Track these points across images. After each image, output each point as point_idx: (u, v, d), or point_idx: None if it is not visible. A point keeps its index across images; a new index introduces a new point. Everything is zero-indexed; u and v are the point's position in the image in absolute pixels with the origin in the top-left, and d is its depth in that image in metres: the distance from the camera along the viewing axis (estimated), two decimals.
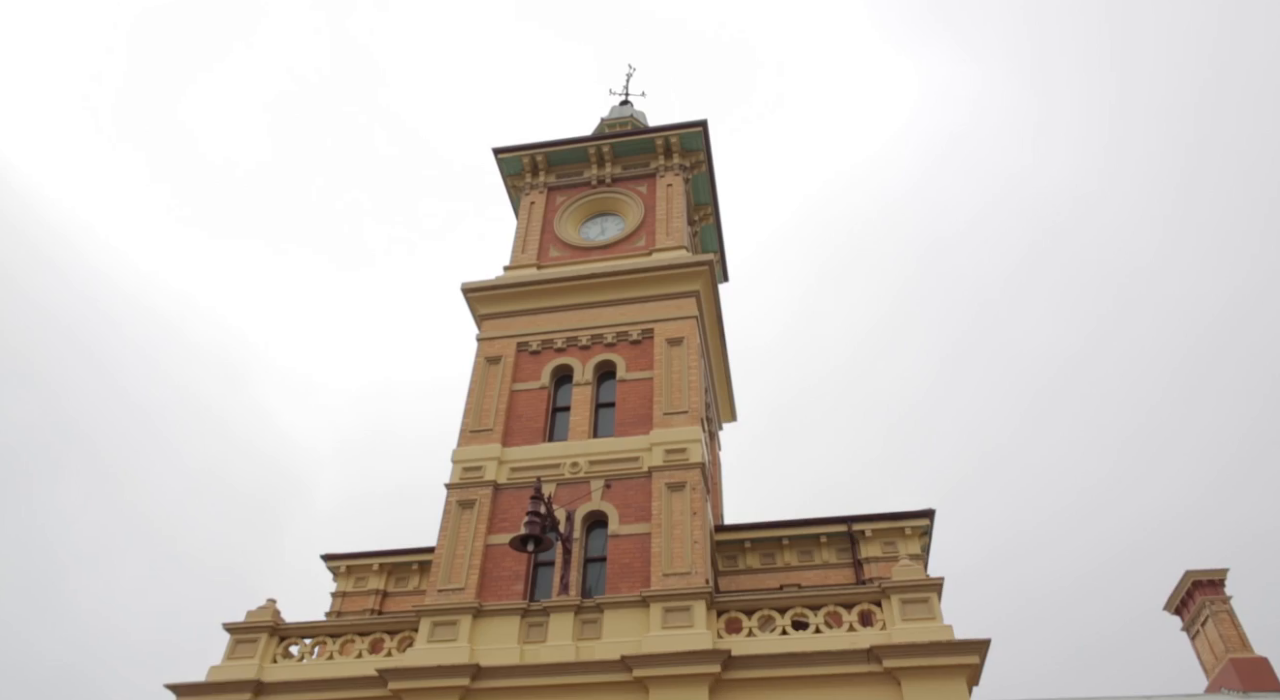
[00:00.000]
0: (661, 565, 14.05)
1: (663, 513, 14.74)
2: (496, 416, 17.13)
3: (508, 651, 13.45)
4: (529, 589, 14.63)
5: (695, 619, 13.20)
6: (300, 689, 13.69)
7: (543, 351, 18.36)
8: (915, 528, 18.13)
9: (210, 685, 13.83)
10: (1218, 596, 20.69)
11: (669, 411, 16.39)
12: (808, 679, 12.43)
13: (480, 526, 15.34)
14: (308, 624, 14.83)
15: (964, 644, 12.14)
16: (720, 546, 18.51)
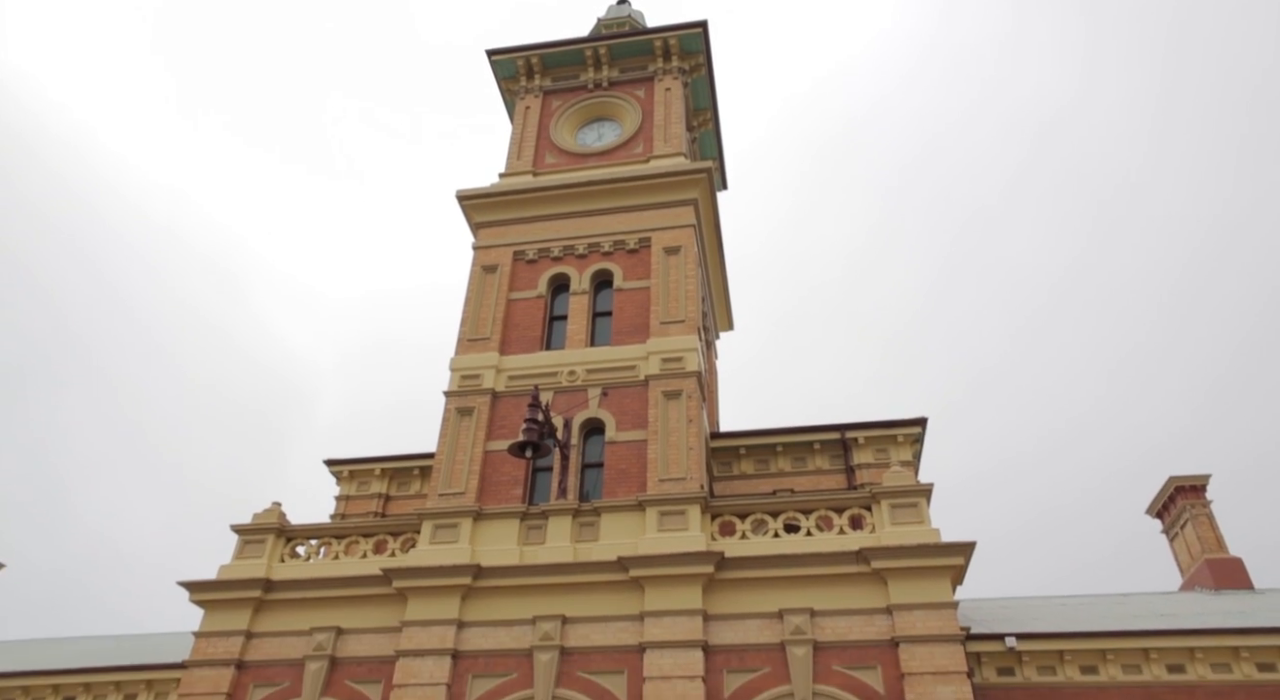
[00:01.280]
0: (658, 471, 14.35)
1: (659, 420, 14.96)
2: (494, 325, 17.17)
3: (507, 553, 13.88)
4: (528, 493, 14.98)
5: (690, 522, 13.57)
6: (307, 587, 14.18)
7: (539, 260, 18.25)
8: (907, 435, 18.46)
9: (221, 583, 14.32)
10: (1198, 500, 21.28)
11: (666, 320, 16.43)
12: (798, 579, 12.89)
13: (479, 433, 15.58)
14: (313, 526, 15.24)
15: (950, 546, 12.54)
16: (716, 453, 18.88)
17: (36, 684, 17.80)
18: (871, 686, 11.91)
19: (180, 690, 13.56)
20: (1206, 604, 17.90)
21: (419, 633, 13.26)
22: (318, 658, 13.48)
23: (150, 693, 17.37)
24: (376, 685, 13.16)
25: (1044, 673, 14.77)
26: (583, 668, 12.69)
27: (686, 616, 12.66)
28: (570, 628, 13.04)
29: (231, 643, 13.84)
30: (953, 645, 11.89)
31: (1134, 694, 14.44)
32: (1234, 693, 14.23)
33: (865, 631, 12.32)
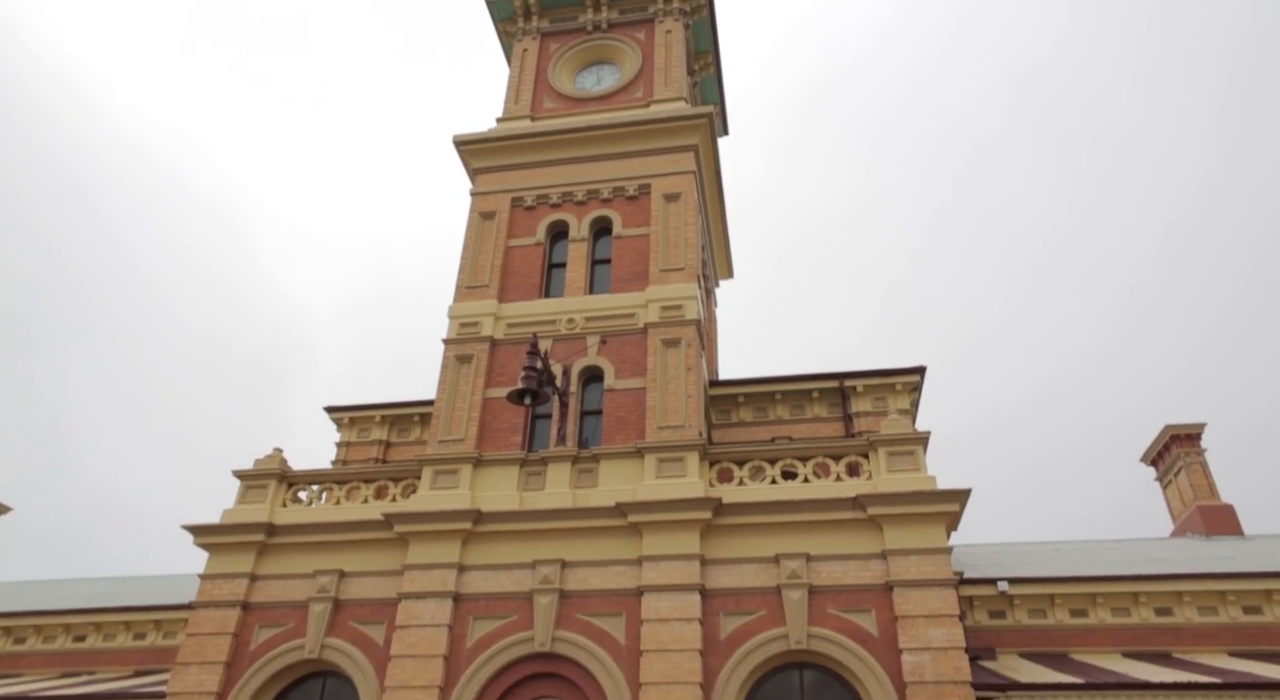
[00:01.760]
0: (656, 418, 14.41)
1: (658, 368, 14.98)
2: (492, 272, 17.07)
3: (507, 498, 14.03)
4: (527, 440, 15.07)
5: (688, 469, 13.69)
6: (310, 531, 14.36)
7: (538, 207, 18.07)
8: (905, 384, 18.52)
9: (224, 527, 14.50)
10: (1193, 448, 21.46)
11: (665, 268, 16.33)
12: (795, 525, 13.05)
13: (478, 380, 15.61)
14: (314, 471, 15.38)
15: (945, 493, 12.66)
16: (714, 400, 18.95)
17: (48, 623, 18.20)
18: (865, 629, 12.14)
19: (188, 630, 13.83)
20: (1196, 549, 18.17)
21: (420, 576, 13.48)
22: (321, 600, 13.72)
23: (159, 632, 17.78)
24: (380, 626, 13.42)
25: (1034, 616, 15.07)
26: (582, 610, 12.93)
27: (684, 561, 12.85)
28: (569, 572, 13.24)
29: (236, 585, 14.07)
30: (946, 589, 12.09)
31: (1122, 636, 14.75)
32: (1219, 634, 14.53)
33: (860, 576, 12.52)
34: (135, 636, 17.91)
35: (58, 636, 18.20)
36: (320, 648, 13.39)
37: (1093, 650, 14.53)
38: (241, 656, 13.58)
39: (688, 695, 11.78)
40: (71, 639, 18.11)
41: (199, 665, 13.39)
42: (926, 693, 11.39)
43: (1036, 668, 13.16)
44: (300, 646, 13.46)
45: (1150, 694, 11.21)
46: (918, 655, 11.66)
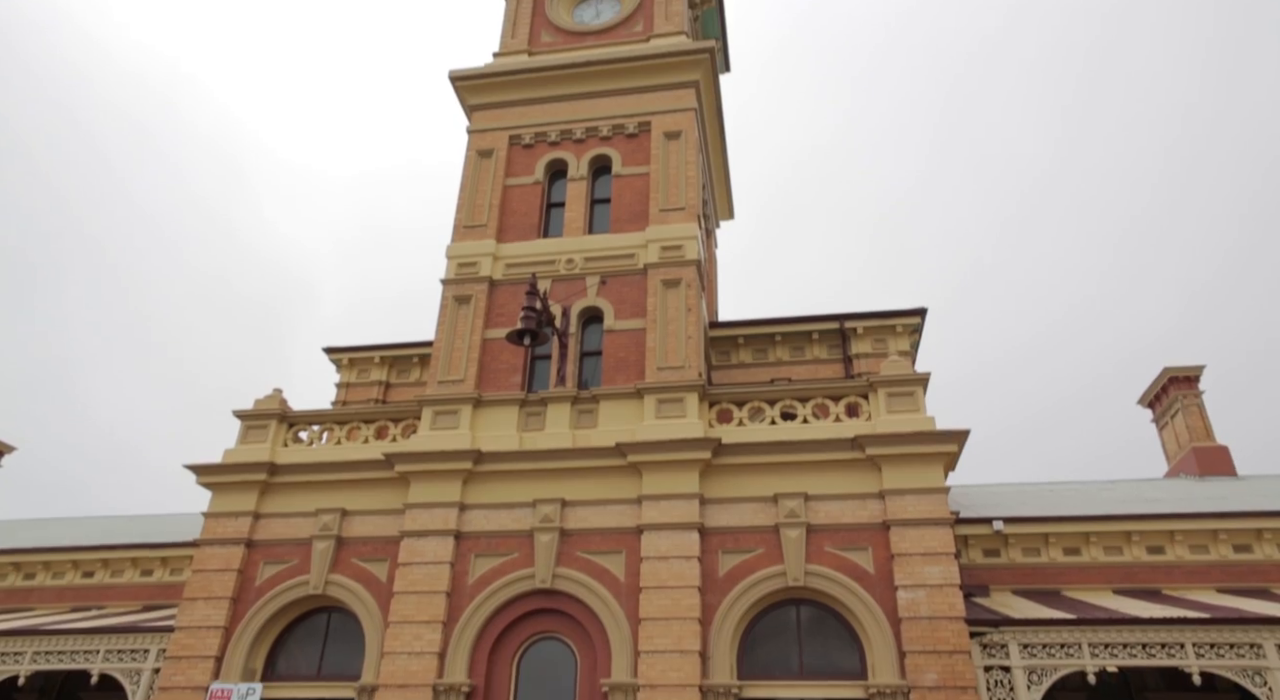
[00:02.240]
0: (656, 359, 14.38)
1: (658, 309, 14.89)
2: (490, 212, 16.85)
3: (507, 438, 14.09)
4: (527, 381, 15.07)
5: (688, 410, 13.71)
6: (311, 470, 14.46)
7: (536, 145, 17.74)
8: (906, 326, 18.47)
9: (226, 466, 14.59)
10: (1191, 391, 21.51)
11: (665, 208, 16.11)
12: (793, 465, 13.13)
13: (477, 321, 15.53)
14: (314, 412, 15.41)
15: (944, 433, 12.71)
16: (714, 342, 18.92)
17: (57, 559, 18.47)
18: (862, 567, 12.32)
19: (194, 566, 14.03)
20: (1190, 489, 18.37)
21: (422, 515, 13.62)
22: (324, 538, 13.89)
23: (165, 569, 18.06)
24: (383, 563, 13.61)
25: (1028, 554, 15.31)
26: (582, 548, 13.09)
27: (683, 500, 12.97)
28: (570, 511, 13.37)
29: (240, 523, 14.22)
30: (942, 528, 12.23)
31: (1113, 573, 15.00)
32: (1209, 572, 14.78)
33: (858, 515, 12.65)
34: (142, 573, 18.19)
35: (66, 572, 18.49)
36: (324, 584, 13.60)
37: (1084, 587, 14.80)
38: (247, 592, 13.80)
39: (686, 630, 12.01)
40: (80, 575, 18.40)
41: (205, 600, 13.62)
42: (921, 628, 11.60)
43: (1029, 604, 13.41)
44: (305, 583, 13.67)
45: (1140, 628, 11.43)
46: (913, 592, 11.85)
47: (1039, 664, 11.51)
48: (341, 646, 13.57)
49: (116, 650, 14.00)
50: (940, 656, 11.38)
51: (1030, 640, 11.65)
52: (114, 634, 14.13)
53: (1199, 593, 14.25)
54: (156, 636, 13.87)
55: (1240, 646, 11.23)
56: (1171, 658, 11.29)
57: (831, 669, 12.18)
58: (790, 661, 12.34)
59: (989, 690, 11.48)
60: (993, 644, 11.72)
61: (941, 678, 11.24)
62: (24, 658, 14.23)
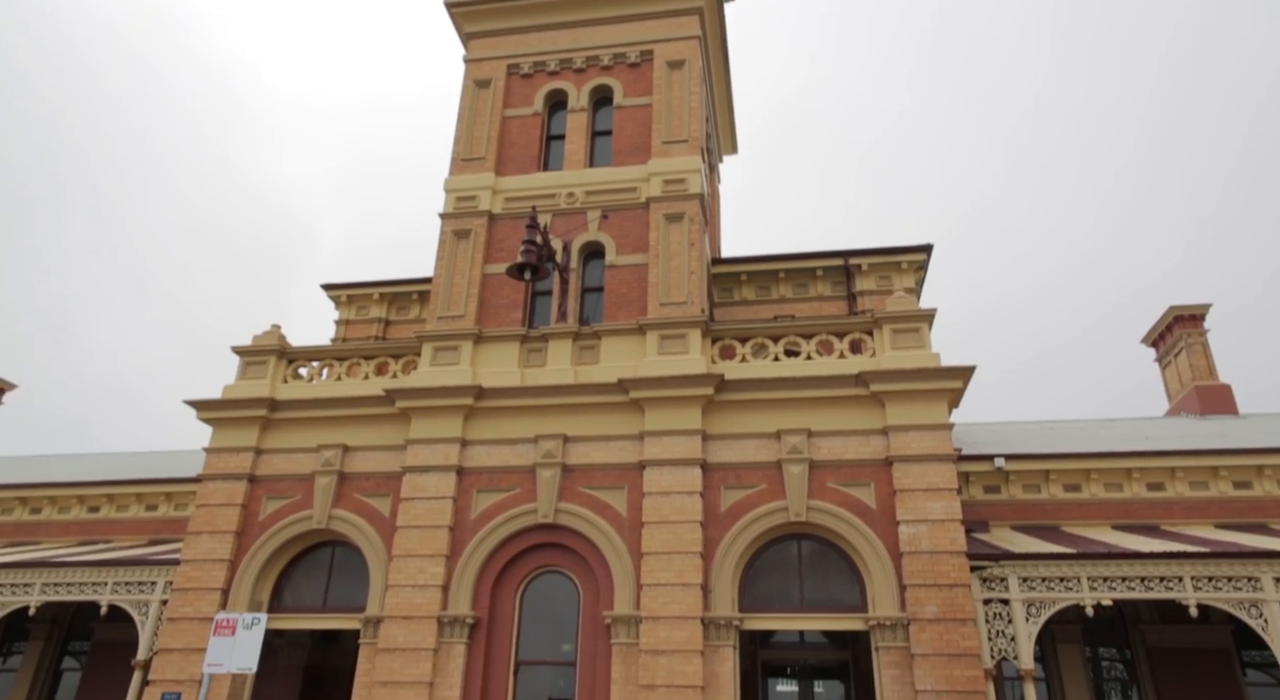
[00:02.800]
0: (658, 295, 14.19)
1: (660, 244, 14.64)
2: (489, 144, 16.45)
3: (508, 374, 13.99)
4: (527, 317, 14.90)
5: (690, 346, 13.58)
6: (312, 406, 14.40)
7: (535, 74, 17.23)
8: (911, 262, 18.22)
9: (226, 402, 14.53)
10: (1195, 329, 21.36)
11: (668, 140, 15.71)
12: (797, 401, 13.05)
13: (476, 256, 15.29)
14: (314, 348, 15.28)
15: (949, 370, 12.60)
16: (716, 279, 18.70)
17: (63, 494, 18.59)
18: (864, 502, 12.34)
19: (197, 501, 14.09)
20: (1191, 427, 18.36)
21: (424, 450, 13.61)
22: (326, 473, 13.91)
23: (170, 504, 18.18)
24: (385, 499, 13.65)
25: (1028, 491, 15.36)
26: (584, 484, 13.12)
27: (686, 436, 12.93)
28: (571, 446, 13.36)
29: (242, 458, 14.23)
30: (945, 464, 12.21)
31: (1112, 509, 15.07)
32: (1208, 508, 14.85)
33: (860, 451, 12.63)
34: (147, 508, 18.32)
35: (72, 507, 18.63)
36: (328, 519, 13.67)
37: (1083, 523, 14.88)
38: (251, 526, 13.88)
39: (688, 563, 12.09)
40: (86, 510, 18.54)
41: (210, 534, 13.70)
42: (921, 562, 11.68)
43: (1028, 539, 13.49)
44: (308, 518, 13.73)
45: (1140, 563, 11.50)
46: (914, 527, 11.90)
47: (1037, 597, 11.62)
48: (346, 579, 13.72)
49: (124, 582, 14.16)
50: (940, 590, 11.48)
51: (1029, 574, 11.74)
52: (122, 566, 14.27)
53: (1197, 528, 14.34)
54: (163, 569, 14.01)
55: (1238, 580, 11.32)
56: (1170, 591, 11.38)
57: (832, 602, 12.31)
58: (791, 595, 12.47)
59: (987, 622, 11.61)
60: (992, 578, 11.81)
61: (941, 610, 11.36)
62: (33, 589, 14.40)
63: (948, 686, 10.95)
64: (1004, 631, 11.56)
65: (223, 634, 8.89)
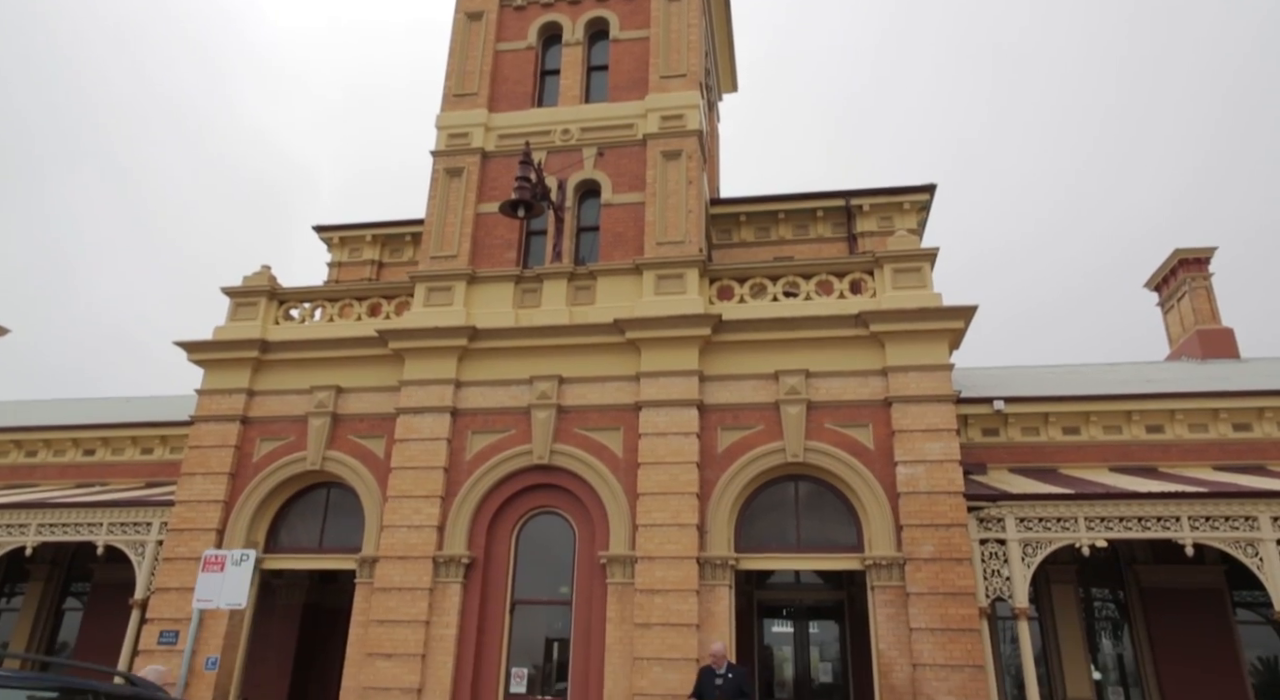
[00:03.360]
0: (655, 234, 13.89)
1: (657, 181, 14.29)
2: (481, 79, 15.95)
3: (503, 315, 13.77)
4: (522, 257, 14.62)
5: (688, 286, 13.34)
6: (304, 348, 14.21)
7: (528, 7, 16.64)
8: (913, 203, 17.88)
9: (217, 343, 14.34)
10: (1200, 273, 21.09)
11: (666, 75, 15.22)
12: (795, 342, 12.86)
13: (470, 195, 14.95)
14: (305, 288, 15.03)
15: (950, 310, 12.39)
16: (715, 220, 18.35)
17: (57, 437, 18.52)
18: (862, 443, 12.24)
19: (190, 442, 13.99)
20: (1191, 371, 18.22)
21: (417, 392, 13.46)
22: (320, 414, 13.78)
23: (165, 447, 18.11)
24: (379, 440, 13.55)
25: (1027, 433, 15.27)
26: (580, 425, 13.00)
27: (682, 377, 12.77)
28: (567, 388, 13.21)
29: (234, 400, 14.09)
30: (944, 405, 12.08)
31: (1110, 452, 15.01)
32: (1207, 450, 14.78)
33: (859, 392, 12.48)
34: (143, 451, 18.26)
35: (68, 450, 18.57)
36: (322, 460, 13.58)
37: (1081, 465, 14.83)
38: (245, 468, 13.80)
39: (684, 504, 12.04)
40: (81, 453, 18.49)
41: (204, 475, 13.64)
42: (919, 502, 11.62)
43: (1026, 480, 13.44)
44: (302, 459, 13.65)
45: (1138, 503, 11.45)
46: (912, 467, 11.82)
47: (1034, 537, 11.59)
48: (342, 520, 13.69)
49: (120, 523, 14.14)
50: (937, 530, 11.45)
51: (1026, 514, 11.70)
52: (117, 507, 14.24)
53: (1195, 470, 14.29)
54: (159, 510, 13.98)
55: (1235, 519, 11.28)
56: (1166, 531, 11.35)
57: (828, 542, 12.29)
58: (787, 535, 12.45)
59: (983, 562, 11.60)
60: (989, 518, 11.77)
61: (937, 550, 11.34)
62: (29, 529, 14.40)
63: (942, 624, 10.98)
64: (999, 571, 11.57)
65: (211, 570, 8.82)
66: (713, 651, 10.42)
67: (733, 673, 10.31)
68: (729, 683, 10.18)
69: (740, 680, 10.29)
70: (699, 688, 10.37)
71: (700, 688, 10.34)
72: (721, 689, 10.13)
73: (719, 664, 10.32)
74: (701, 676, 10.43)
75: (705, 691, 10.23)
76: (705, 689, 10.25)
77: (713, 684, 10.21)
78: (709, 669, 10.40)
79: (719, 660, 10.33)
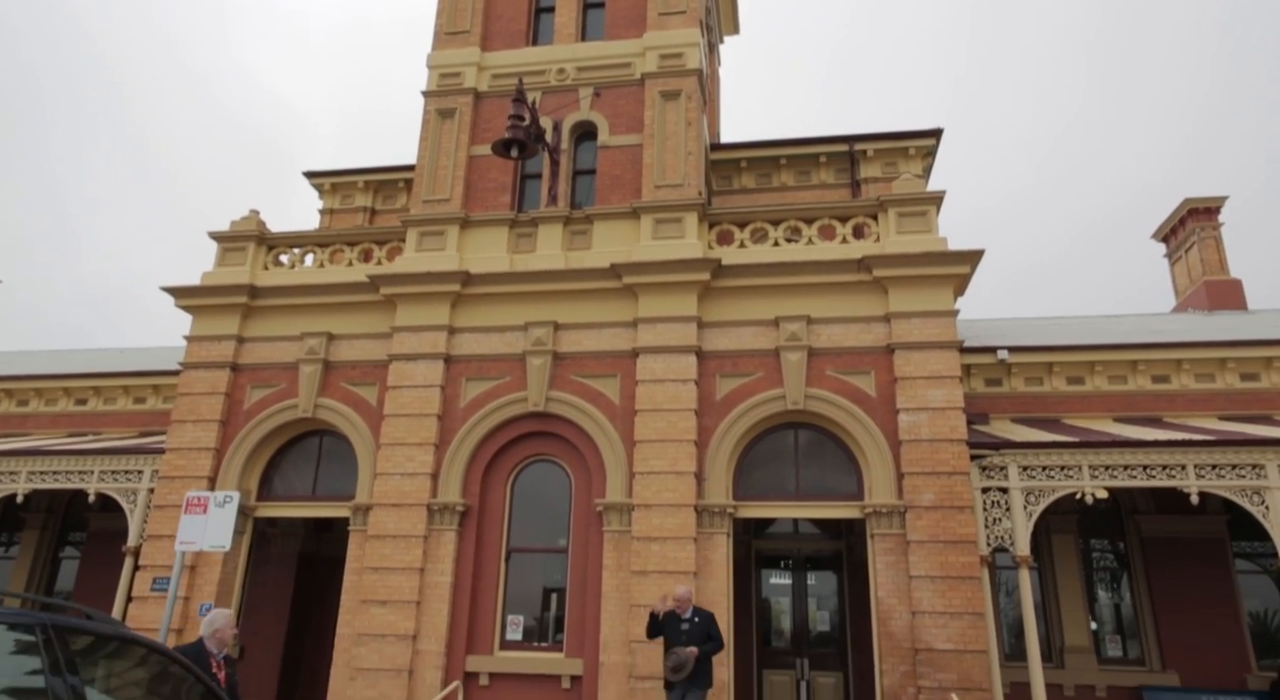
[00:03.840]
0: (653, 177, 13.49)
1: (656, 122, 13.83)
2: (473, 16, 15.39)
3: (497, 260, 13.44)
4: (516, 201, 14.23)
5: (686, 230, 12.98)
6: (294, 293, 13.90)
7: None
8: (919, 148, 17.41)
9: (205, 288, 14.02)
10: (1209, 223, 20.68)
11: (665, 11, 14.66)
12: (796, 287, 12.55)
13: (462, 137, 14.50)
14: (295, 233, 14.67)
15: (956, 254, 12.06)
16: (715, 166, 17.90)
17: (49, 387, 18.29)
18: (863, 390, 12.00)
19: (179, 389, 13.76)
20: (1198, 322, 17.93)
21: (410, 338, 13.18)
22: (311, 361, 13.52)
23: (158, 397, 17.88)
24: (372, 387, 13.31)
25: (1030, 384, 15.03)
26: (576, 371, 12.75)
27: (681, 323, 12.49)
28: (562, 334, 12.93)
29: (224, 346, 13.82)
30: (948, 351, 11.82)
31: (1115, 402, 14.78)
32: (1213, 400, 14.56)
33: (861, 338, 12.21)
34: (135, 401, 18.04)
35: (59, 399, 18.36)
36: (314, 408, 13.36)
37: (1084, 415, 14.62)
38: (236, 415, 13.59)
39: (682, 452, 11.84)
40: (73, 402, 18.27)
41: (194, 423, 13.43)
42: (921, 450, 11.42)
43: (1028, 429, 13.23)
44: (294, 406, 13.42)
45: (1144, 451, 11.25)
46: (915, 415, 11.59)
47: (1037, 485, 11.41)
48: (335, 468, 13.52)
49: (111, 471, 13.97)
50: (939, 478, 11.26)
51: (1030, 462, 11.51)
52: (108, 455, 14.07)
53: (1201, 420, 14.08)
54: (150, 458, 13.80)
55: (1242, 467, 11.08)
56: (1172, 479, 11.16)
57: (828, 490, 12.12)
58: (786, 483, 12.28)
59: (985, 510, 11.44)
60: (992, 466, 11.58)
61: (939, 498, 11.17)
62: (19, 477, 14.24)
63: (942, 572, 10.85)
64: (1001, 520, 11.41)
65: (194, 512, 8.63)
66: (677, 596, 9.89)
67: (699, 617, 9.82)
68: (696, 627, 9.70)
69: (707, 625, 9.80)
70: (665, 634, 9.81)
71: (665, 634, 9.82)
72: (688, 633, 9.65)
73: (683, 608, 9.82)
74: (666, 622, 9.86)
75: (671, 637, 9.72)
76: (671, 635, 9.74)
77: (678, 629, 9.70)
78: (673, 614, 9.84)
79: (683, 604, 9.82)
